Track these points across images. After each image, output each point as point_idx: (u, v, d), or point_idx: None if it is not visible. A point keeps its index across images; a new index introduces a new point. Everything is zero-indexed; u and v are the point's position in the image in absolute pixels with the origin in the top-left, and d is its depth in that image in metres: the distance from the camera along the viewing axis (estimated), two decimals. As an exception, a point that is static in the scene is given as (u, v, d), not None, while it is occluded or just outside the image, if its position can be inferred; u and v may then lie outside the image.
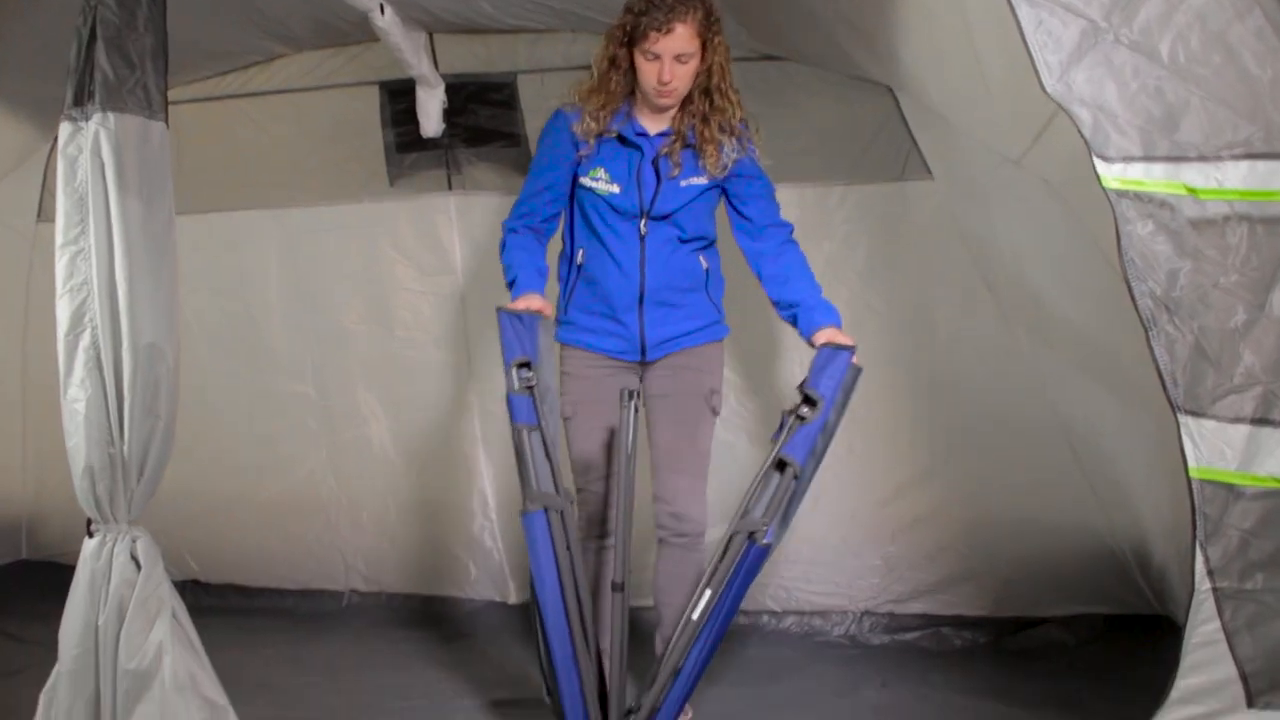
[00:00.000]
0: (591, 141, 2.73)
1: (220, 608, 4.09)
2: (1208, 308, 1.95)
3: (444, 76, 3.65)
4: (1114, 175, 1.96)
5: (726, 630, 2.54)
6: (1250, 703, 1.95)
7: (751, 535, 2.49)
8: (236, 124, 3.95)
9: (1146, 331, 1.96)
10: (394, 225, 3.86)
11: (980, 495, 3.64)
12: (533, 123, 3.73)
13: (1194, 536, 1.94)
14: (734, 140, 2.73)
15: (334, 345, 4.03)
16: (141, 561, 2.12)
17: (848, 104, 3.51)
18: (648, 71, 2.62)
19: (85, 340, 2.08)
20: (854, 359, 2.63)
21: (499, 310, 2.68)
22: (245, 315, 4.05)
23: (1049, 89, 1.98)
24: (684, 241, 2.79)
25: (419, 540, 4.12)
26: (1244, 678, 1.95)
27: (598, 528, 2.82)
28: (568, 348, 2.86)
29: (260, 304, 4.04)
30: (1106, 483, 3.46)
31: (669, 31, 2.54)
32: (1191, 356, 1.95)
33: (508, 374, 2.57)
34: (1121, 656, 3.33)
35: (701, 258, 2.84)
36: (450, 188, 3.79)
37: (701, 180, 2.75)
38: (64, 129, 2.11)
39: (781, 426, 2.59)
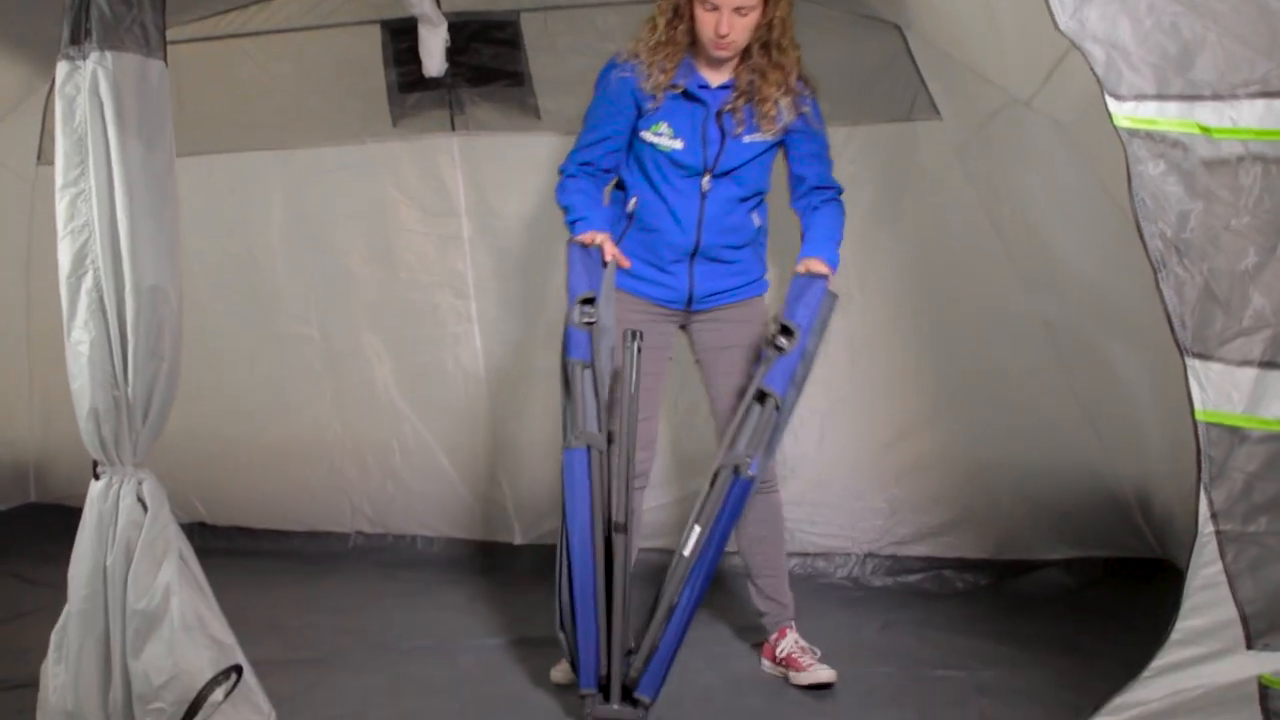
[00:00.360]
0: (660, 95, 2.70)
1: (227, 550, 4.12)
2: (1218, 249, 1.93)
3: (446, 15, 3.59)
4: (1126, 114, 1.93)
5: (718, 565, 2.59)
6: (1250, 644, 1.96)
7: (736, 469, 2.53)
8: (237, 64, 3.90)
9: (1155, 273, 1.94)
10: (397, 166, 3.83)
11: (984, 439, 3.64)
12: (536, 61, 3.68)
13: (1198, 479, 1.94)
14: (790, 99, 2.71)
15: (337, 287, 4.01)
16: (148, 503, 2.12)
17: (855, 42, 3.46)
18: (706, 22, 2.59)
19: (88, 282, 2.07)
20: (829, 287, 2.66)
21: (569, 243, 2.69)
22: (248, 257, 4.04)
23: (1061, 26, 1.95)
24: (743, 200, 2.79)
25: (424, 482, 4.13)
26: (1244, 619, 1.96)
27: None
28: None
29: (263, 246, 4.02)
30: (1110, 427, 3.46)
31: None
32: (1200, 299, 1.93)
33: (571, 308, 2.60)
34: (1122, 599, 3.36)
35: (755, 215, 2.84)
36: (453, 128, 3.75)
37: (764, 137, 2.74)
38: (61, 68, 2.09)
39: (760, 359, 2.59)
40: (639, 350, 2.50)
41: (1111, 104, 1.93)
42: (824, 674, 2.79)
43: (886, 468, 3.77)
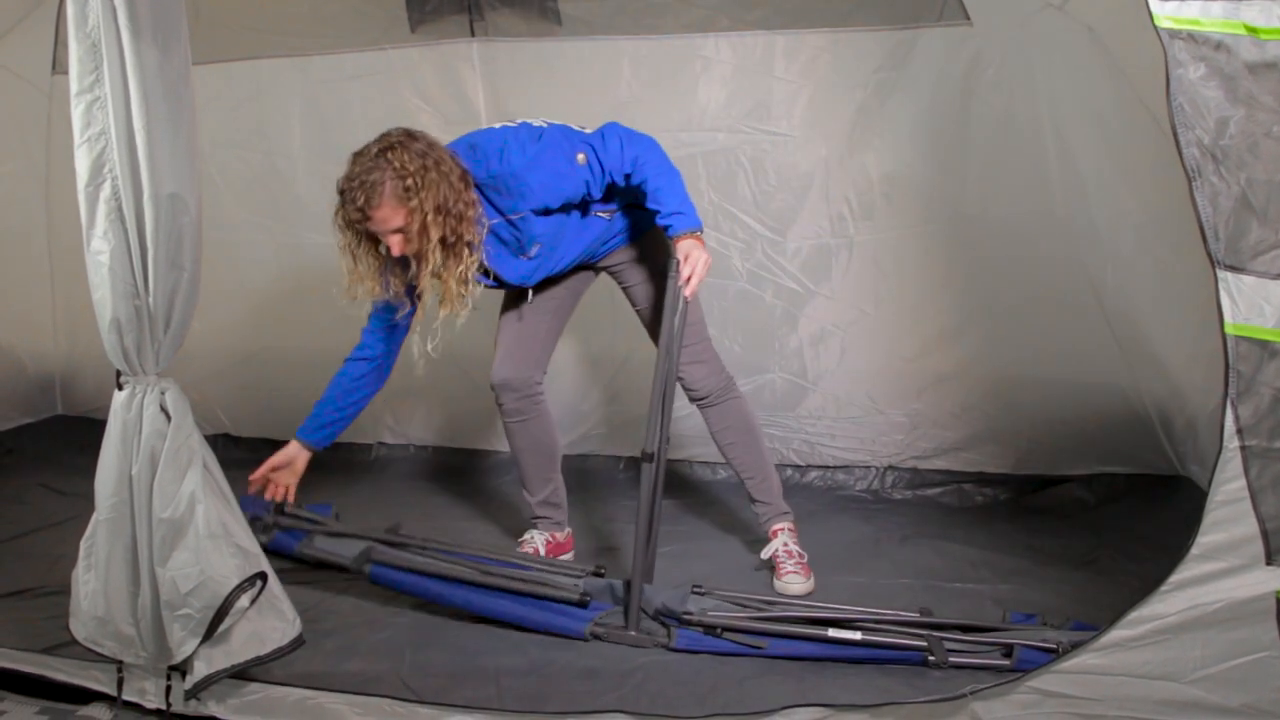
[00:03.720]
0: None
1: (251, 461, 4.14)
2: (1257, 158, 1.87)
3: (465, -83, 3.51)
4: (1168, 14, 1.85)
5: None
6: (1270, 560, 1.96)
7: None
8: (252, -32, 3.83)
9: (1190, 182, 1.89)
10: (416, 73, 3.77)
11: (1006, 354, 3.62)
12: (557, -36, 3.60)
13: (1225, 393, 1.92)
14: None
15: (359, 197, 3.98)
16: (171, 413, 2.14)
17: (883, -56, 3.36)
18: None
19: (106, 191, 2.05)
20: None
21: None
22: (268, 166, 4.00)
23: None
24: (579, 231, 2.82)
25: (446, 393, 4.15)
26: (1265, 535, 1.95)
27: None
28: None
29: (284, 155, 3.98)
30: (1134, 342, 3.42)
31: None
32: (1236, 209, 1.88)
33: None
34: (1141, 516, 3.36)
35: (604, 216, 2.83)
36: (473, 34, 3.67)
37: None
38: (71, -30, 2.04)
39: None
40: (676, 279, 2.55)
41: (1153, 3, 1.86)
42: (797, 585, 2.88)
43: (908, 382, 3.76)
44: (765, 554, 3.00)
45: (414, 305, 2.79)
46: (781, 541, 2.99)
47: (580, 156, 2.63)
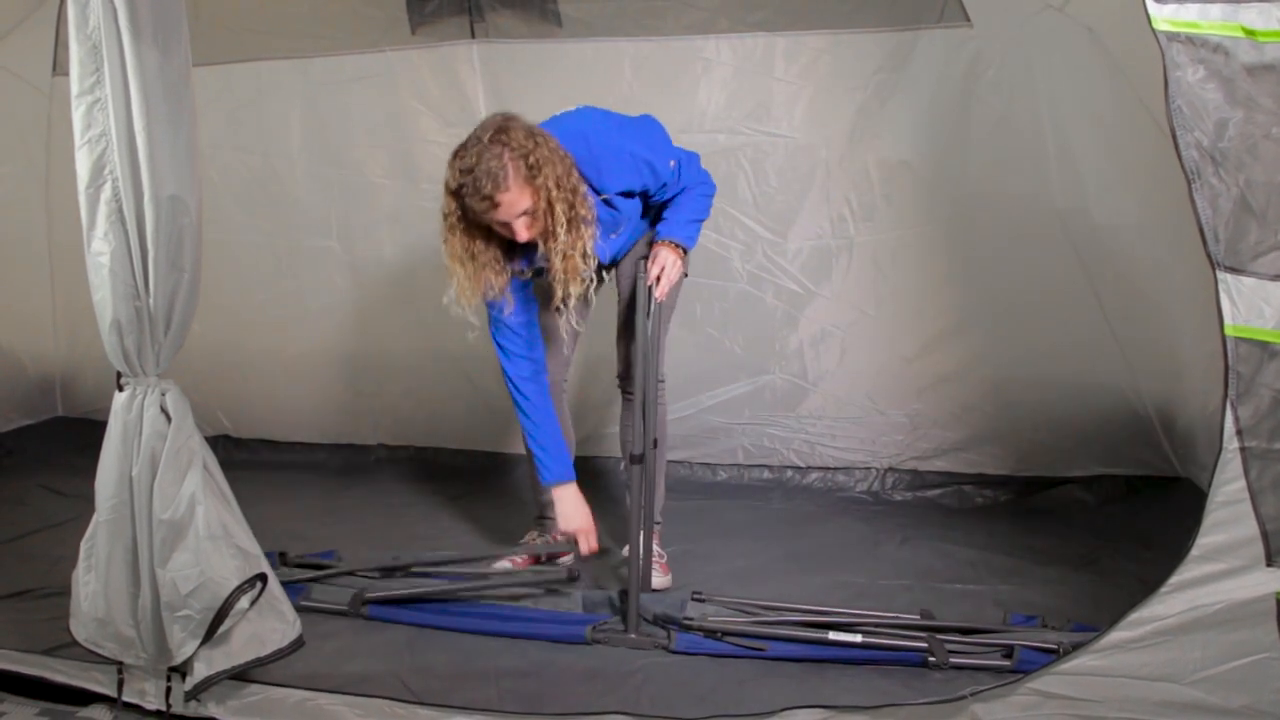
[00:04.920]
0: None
1: (251, 462, 4.18)
2: (1256, 160, 1.87)
3: (465, -81, 3.51)
4: (1166, 16, 1.86)
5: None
6: (1270, 561, 1.96)
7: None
8: (252, -31, 3.83)
9: (1189, 184, 1.89)
10: (416, 75, 3.77)
11: (1007, 354, 3.62)
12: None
13: (1225, 395, 1.92)
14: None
15: (358, 198, 3.98)
16: (171, 414, 2.14)
17: (884, -55, 3.36)
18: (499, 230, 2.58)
19: (106, 192, 2.05)
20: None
21: None
22: (268, 169, 4.00)
23: (1100, -75, 1.88)
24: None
25: (446, 394, 4.15)
26: (1265, 536, 1.95)
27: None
28: None
29: (283, 157, 3.98)
30: (1135, 343, 3.42)
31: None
32: (1235, 210, 1.88)
33: None
34: (1141, 517, 3.36)
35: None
36: (473, 35, 3.68)
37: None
38: (72, -29, 2.05)
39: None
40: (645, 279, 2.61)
41: (1151, 6, 1.86)
42: (656, 580, 2.86)
43: (909, 383, 3.76)
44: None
45: (524, 299, 2.78)
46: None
47: (671, 162, 2.69)
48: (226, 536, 2.18)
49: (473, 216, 2.52)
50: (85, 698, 2.42)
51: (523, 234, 2.52)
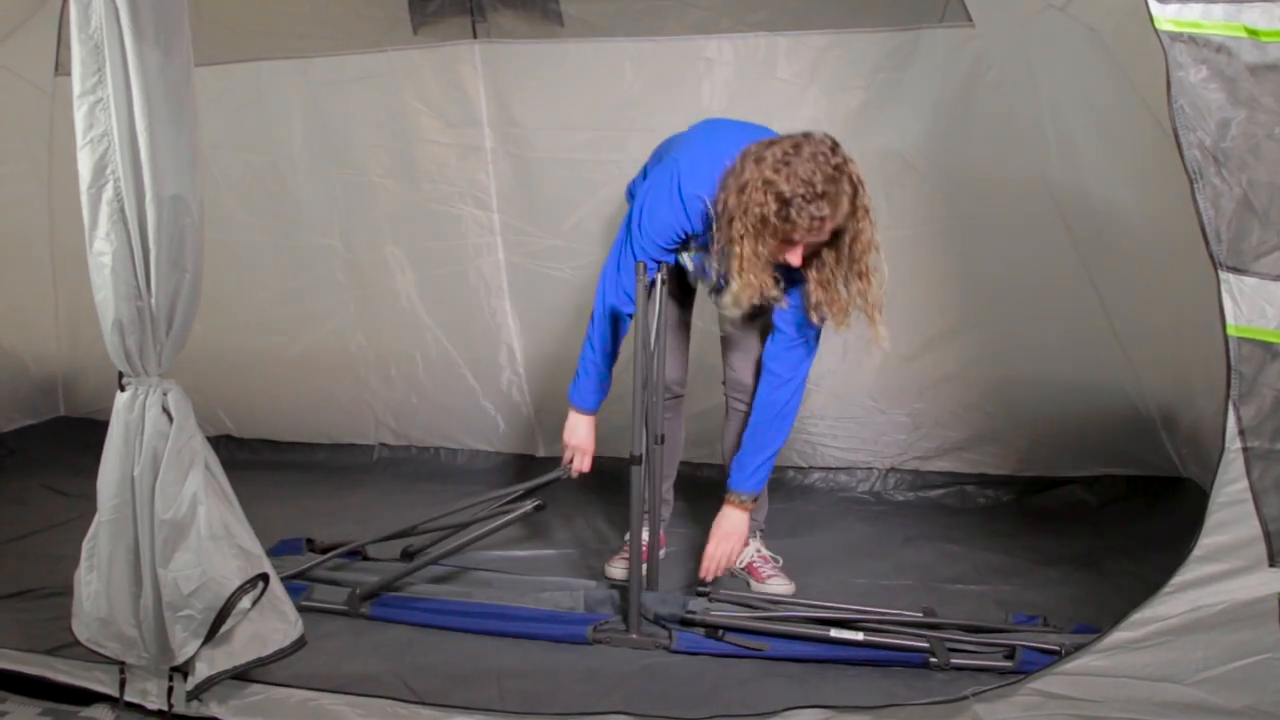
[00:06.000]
0: None
1: (253, 462, 4.18)
2: (1258, 159, 1.87)
3: (467, -82, 3.51)
4: (1169, 16, 1.85)
5: None
6: (1272, 561, 1.95)
7: None
8: (253, -31, 3.83)
9: (1191, 184, 1.89)
10: (418, 75, 3.77)
11: (1009, 354, 3.62)
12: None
13: (1227, 395, 1.92)
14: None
15: (359, 198, 3.99)
16: (173, 414, 2.14)
17: (885, -57, 3.36)
18: (778, 252, 2.46)
19: (108, 193, 2.05)
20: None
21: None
22: (270, 169, 4.01)
23: (1102, -75, 1.88)
24: None
25: (447, 394, 4.16)
26: (1268, 536, 1.94)
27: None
28: None
29: (284, 157, 3.98)
30: (1137, 343, 3.42)
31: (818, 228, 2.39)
32: (1238, 211, 1.88)
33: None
34: (1143, 517, 3.36)
35: None
36: (475, 35, 3.68)
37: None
38: (74, -29, 2.05)
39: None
40: (663, 283, 2.62)
41: (1154, 6, 1.86)
42: (782, 586, 2.90)
43: (910, 382, 3.76)
44: (741, 561, 2.99)
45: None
46: (754, 549, 3.02)
47: None
48: (228, 536, 2.18)
49: (777, 226, 2.39)
50: (87, 697, 2.42)
51: (797, 260, 2.46)
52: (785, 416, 2.73)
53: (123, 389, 2.15)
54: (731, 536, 2.77)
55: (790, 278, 2.57)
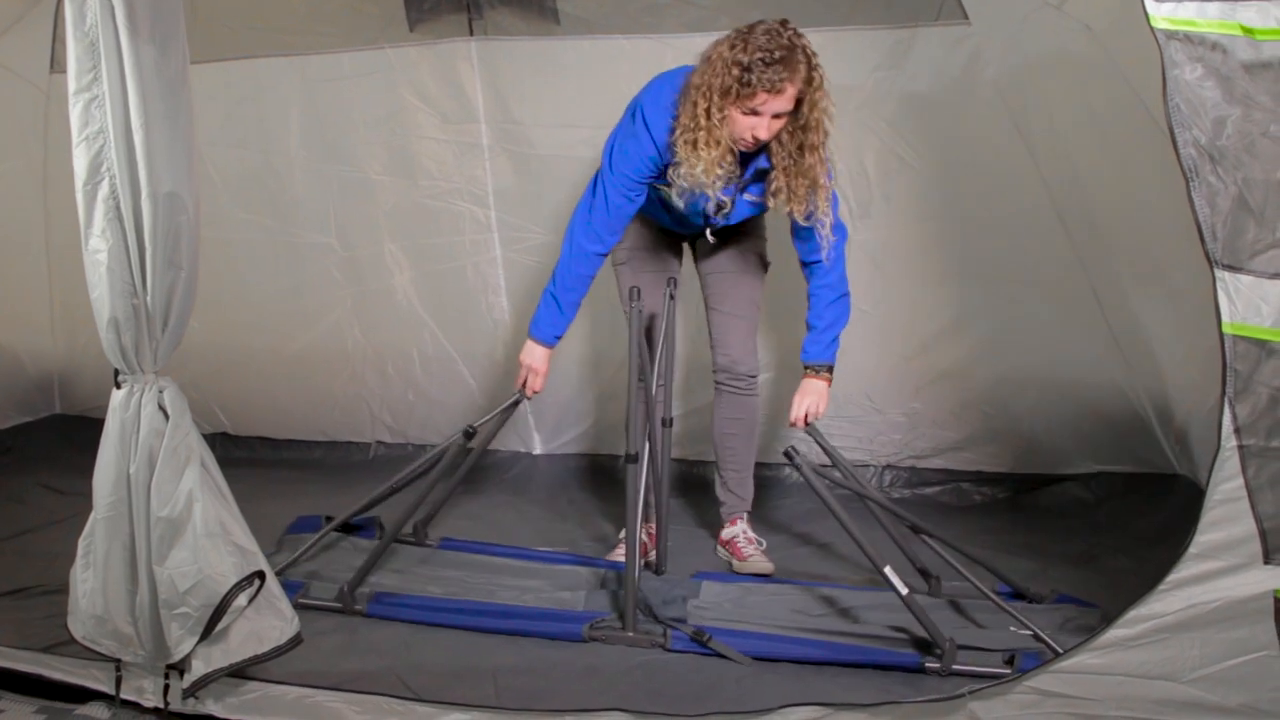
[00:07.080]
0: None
1: (249, 460, 4.18)
2: (1254, 157, 1.87)
3: (463, -84, 3.50)
4: (1164, 15, 1.86)
5: None
6: (1267, 559, 1.95)
7: None
8: (249, -34, 3.82)
9: (1187, 182, 1.89)
10: (415, 72, 3.76)
11: (1005, 352, 3.62)
12: (555, -37, 3.60)
13: (1223, 393, 1.92)
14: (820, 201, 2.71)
15: (356, 195, 3.98)
16: (169, 411, 2.13)
17: (881, -58, 3.35)
18: (741, 125, 2.55)
19: (104, 190, 2.05)
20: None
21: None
22: (266, 166, 4.00)
23: (1098, -77, 1.88)
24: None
25: (443, 391, 4.16)
26: (1263, 534, 1.94)
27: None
28: None
29: (281, 154, 3.98)
30: (1132, 341, 3.42)
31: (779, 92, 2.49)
32: (1233, 209, 1.88)
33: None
34: (1139, 515, 3.36)
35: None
36: (471, 33, 3.67)
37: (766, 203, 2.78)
38: (69, -32, 2.04)
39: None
40: (673, 297, 2.85)
41: (1149, 4, 1.86)
42: (761, 565, 2.99)
43: (906, 381, 3.76)
44: (726, 537, 3.13)
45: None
46: (740, 529, 3.13)
47: None
48: (224, 534, 2.17)
49: (738, 92, 2.48)
50: (83, 695, 2.42)
51: (766, 133, 2.55)
52: (847, 296, 2.86)
53: (118, 386, 2.14)
54: (815, 394, 2.88)
55: (756, 174, 2.72)
